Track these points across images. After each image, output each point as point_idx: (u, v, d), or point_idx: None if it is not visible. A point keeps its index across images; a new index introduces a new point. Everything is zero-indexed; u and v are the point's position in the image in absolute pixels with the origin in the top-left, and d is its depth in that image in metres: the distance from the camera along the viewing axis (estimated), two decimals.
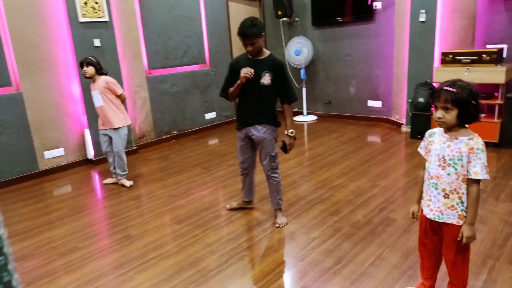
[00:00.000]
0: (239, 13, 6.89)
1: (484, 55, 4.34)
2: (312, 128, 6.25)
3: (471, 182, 1.64)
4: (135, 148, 5.39)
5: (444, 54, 4.61)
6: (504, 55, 4.62)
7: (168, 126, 5.98)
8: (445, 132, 1.69)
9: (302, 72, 6.68)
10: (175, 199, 3.69)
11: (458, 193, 1.67)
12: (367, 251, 2.56)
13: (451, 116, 1.61)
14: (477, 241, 2.56)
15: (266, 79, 2.77)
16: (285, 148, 2.89)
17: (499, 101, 4.38)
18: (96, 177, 4.58)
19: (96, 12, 4.72)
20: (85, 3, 4.61)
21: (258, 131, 2.89)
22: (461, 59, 4.49)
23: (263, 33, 2.71)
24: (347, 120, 6.54)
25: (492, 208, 3.03)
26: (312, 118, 6.82)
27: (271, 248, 2.71)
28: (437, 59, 4.95)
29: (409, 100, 5.22)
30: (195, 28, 6.11)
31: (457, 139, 1.65)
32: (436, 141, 1.72)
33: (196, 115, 6.34)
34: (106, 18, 4.83)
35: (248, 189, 3.26)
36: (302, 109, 7.01)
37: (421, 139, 1.86)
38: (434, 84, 4.90)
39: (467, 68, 4.42)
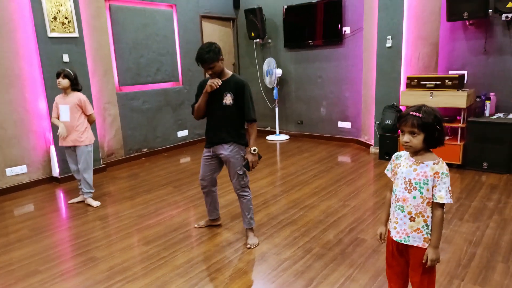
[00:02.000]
0: (213, 33, 6.96)
1: (447, 81, 4.55)
2: (284, 147, 6.30)
3: (436, 205, 1.68)
4: (103, 166, 5.24)
5: (410, 79, 4.81)
6: (465, 80, 4.87)
7: (139, 144, 5.87)
8: (411, 156, 1.74)
9: (275, 92, 6.77)
10: (144, 219, 3.59)
11: (423, 216, 1.71)
12: (338, 272, 2.57)
13: (417, 140, 1.66)
14: (443, 261, 2.63)
15: (228, 100, 2.84)
16: (247, 166, 2.89)
17: (461, 125, 4.58)
18: (61, 196, 4.40)
19: (65, 28, 4.64)
20: (54, 18, 4.52)
21: (225, 150, 2.92)
22: (425, 84, 4.68)
23: (221, 57, 2.78)
24: (318, 140, 6.64)
25: (457, 229, 3.12)
26: (285, 137, 6.88)
27: (242, 270, 2.67)
28: (403, 83, 5.15)
29: (377, 122, 5.37)
30: (168, 46, 6.10)
31: (423, 163, 1.69)
32: (402, 164, 1.76)
33: (168, 132, 6.26)
34: (76, 34, 4.75)
35: (212, 207, 3.27)
36: (274, 128, 7.08)
37: (389, 160, 1.90)
38: (401, 107, 5.08)
39: (431, 93, 4.62)
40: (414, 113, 1.65)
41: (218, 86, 2.77)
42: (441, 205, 1.68)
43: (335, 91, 6.36)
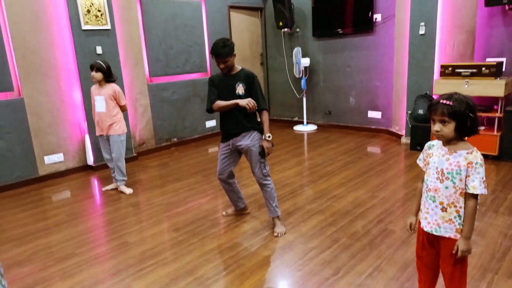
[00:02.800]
0: (241, 23, 6.96)
1: (483, 68, 4.37)
2: (311, 137, 6.26)
3: (469, 196, 1.63)
4: (135, 155, 5.39)
5: (444, 67, 4.64)
6: (503, 68, 4.65)
7: (168, 134, 5.99)
8: (444, 145, 1.69)
9: (303, 82, 6.72)
10: (173, 207, 3.68)
11: (456, 206, 1.66)
12: (365, 263, 2.55)
13: (448, 129, 1.61)
14: (475, 254, 2.56)
15: (240, 90, 2.93)
16: (263, 153, 2.94)
17: (498, 114, 4.40)
18: (95, 183, 4.57)
19: (98, 20, 4.77)
20: (88, 11, 4.66)
21: (246, 140, 2.96)
22: (460, 72, 4.52)
23: (234, 53, 2.89)
24: (346, 130, 6.55)
25: (491, 221, 3.02)
26: (312, 127, 6.83)
27: (269, 257, 2.70)
28: (436, 71, 4.98)
29: (409, 112, 5.24)
30: (197, 37, 6.16)
31: (456, 152, 1.64)
32: (435, 154, 1.72)
33: (196, 123, 6.35)
34: (108, 26, 4.87)
35: (236, 198, 3.33)
36: (302, 118, 7.04)
37: (421, 150, 1.86)
38: (434, 96, 4.92)
39: (467, 81, 4.45)
40: (445, 101, 1.60)
41: (254, 110, 2.87)
42: (475, 196, 1.63)
43: (365, 80, 6.24)
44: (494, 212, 3.18)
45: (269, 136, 2.93)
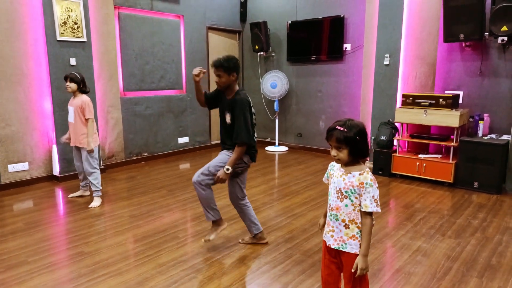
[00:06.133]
0: (219, 44, 7.14)
1: (441, 100, 4.63)
2: (282, 158, 6.39)
3: (364, 214, 1.74)
4: (102, 167, 5.37)
5: (405, 96, 4.90)
6: (461, 101, 4.94)
7: (139, 148, 6.01)
8: (342, 167, 1.82)
9: (276, 104, 6.90)
10: (135, 219, 3.70)
11: (356, 223, 1.78)
12: (313, 278, 2.63)
13: (343, 154, 1.74)
14: (417, 273, 2.68)
15: (227, 118, 2.92)
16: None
17: (453, 144, 4.64)
18: (59, 193, 4.54)
19: (74, 33, 4.84)
20: (64, 22, 4.73)
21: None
22: (420, 102, 4.77)
23: (233, 73, 2.83)
24: (316, 152, 6.73)
25: (438, 244, 3.17)
26: (283, 149, 6.98)
27: (221, 270, 2.75)
28: (399, 100, 5.23)
29: (373, 138, 5.45)
30: (174, 55, 6.29)
31: (350, 173, 1.78)
32: (335, 175, 1.85)
33: (168, 138, 6.40)
34: (84, 39, 4.95)
35: (247, 222, 3.14)
36: (274, 139, 7.19)
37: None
38: (396, 124, 5.16)
39: (425, 111, 4.70)
40: (339, 127, 1.73)
41: (198, 76, 2.91)
42: (368, 214, 1.74)
43: (334, 106, 6.47)
44: (442, 235, 3.34)
45: (227, 169, 2.78)
